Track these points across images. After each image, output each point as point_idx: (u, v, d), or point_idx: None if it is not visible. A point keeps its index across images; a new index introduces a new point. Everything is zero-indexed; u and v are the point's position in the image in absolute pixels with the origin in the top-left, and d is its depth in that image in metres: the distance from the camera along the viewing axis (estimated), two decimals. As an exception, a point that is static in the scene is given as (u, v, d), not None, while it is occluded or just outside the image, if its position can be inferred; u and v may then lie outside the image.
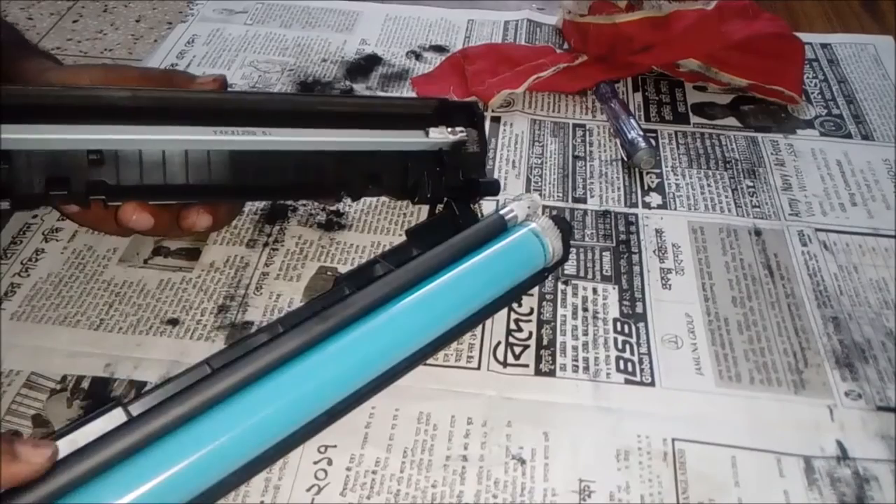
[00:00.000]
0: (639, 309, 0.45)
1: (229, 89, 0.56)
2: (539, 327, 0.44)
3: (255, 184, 0.44)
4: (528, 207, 0.43)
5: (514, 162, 0.56)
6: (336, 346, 0.36)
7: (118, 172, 0.40)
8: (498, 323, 0.44)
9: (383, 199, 0.52)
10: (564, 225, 0.43)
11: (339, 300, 0.37)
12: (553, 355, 0.43)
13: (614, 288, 0.46)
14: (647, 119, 0.60)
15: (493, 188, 0.50)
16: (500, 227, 0.42)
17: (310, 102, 0.47)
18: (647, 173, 0.55)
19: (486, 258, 0.41)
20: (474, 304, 0.41)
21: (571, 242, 0.49)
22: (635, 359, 0.43)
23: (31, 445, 0.29)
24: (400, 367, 0.39)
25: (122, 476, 0.30)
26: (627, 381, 0.41)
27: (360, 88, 0.63)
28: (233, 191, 0.44)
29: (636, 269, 0.48)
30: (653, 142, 0.57)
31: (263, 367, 0.34)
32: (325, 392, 0.36)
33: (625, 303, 0.46)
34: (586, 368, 0.42)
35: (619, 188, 0.54)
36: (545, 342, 0.43)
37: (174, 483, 0.31)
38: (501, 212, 0.43)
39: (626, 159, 0.56)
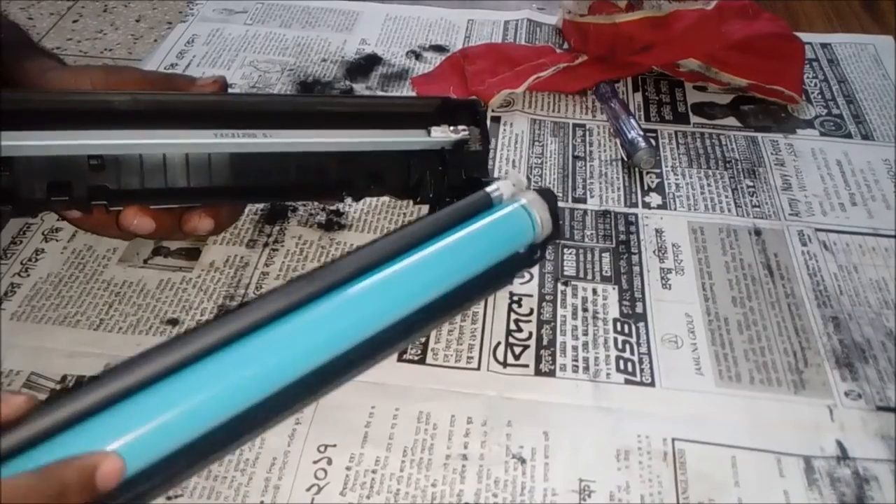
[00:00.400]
0: (639, 309, 0.45)
1: (230, 90, 0.56)
2: (539, 327, 0.44)
3: (257, 185, 0.44)
4: (514, 185, 0.43)
5: (514, 162, 0.56)
6: (314, 310, 0.36)
7: (119, 177, 0.40)
8: (498, 323, 0.44)
9: (383, 199, 0.52)
10: (550, 196, 0.43)
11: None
12: (553, 355, 0.43)
13: (614, 288, 0.46)
14: (647, 119, 0.60)
15: (495, 187, 0.50)
16: (486, 204, 0.42)
17: (310, 103, 0.47)
18: (647, 173, 0.55)
19: (472, 231, 0.41)
20: (463, 273, 0.40)
21: (570, 243, 0.49)
22: (635, 359, 0.43)
23: (8, 393, 0.30)
24: (387, 336, 0.38)
25: (99, 425, 0.30)
26: (627, 381, 0.41)
27: (360, 88, 0.63)
28: (234, 193, 0.44)
29: (636, 269, 0.48)
30: (653, 142, 0.57)
31: (237, 331, 0.34)
32: (301, 358, 0.35)
33: (625, 303, 0.46)
34: (586, 368, 0.42)
35: (619, 188, 0.54)
36: (545, 342, 0.43)
37: (148, 438, 0.31)
38: (487, 189, 0.43)
39: (626, 159, 0.56)
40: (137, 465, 0.30)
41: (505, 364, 0.42)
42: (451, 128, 0.47)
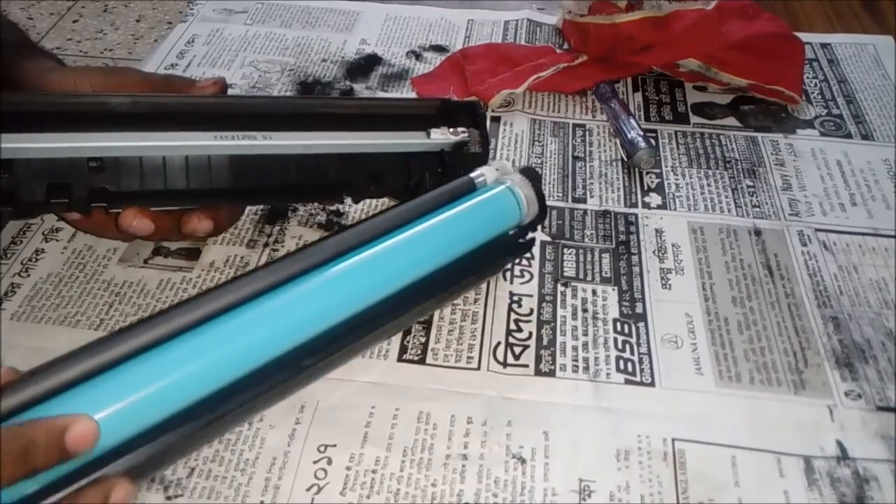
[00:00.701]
0: (639, 309, 0.45)
1: (230, 91, 0.56)
2: (539, 327, 0.44)
3: (257, 187, 0.44)
4: (497, 170, 0.44)
5: (514, 161, 0.56)
6: (295, 289, 0.36)
7: (119, 179, 0.40)
8: (498, 323, 0.44)
9: (383, 199, 0.52)
10: (533, 174, 0.44)
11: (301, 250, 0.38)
12: (553, 355, 0.43)
13: (614, 289, 0.46)
14: (647, 119, 0.60)
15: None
16: (469, 187, 0.43)
17: (310, 105, 0.47)
18: (647, 173, 0.55)
19: (454, 211, 0.41)
20: (448, 251, 0.41)
21: (570, 243, 0.49)
22: (635, 359, 0.43)
23: None
24: (374, 315, 0.38)
25: (79, 396, 0.30)
26: (627, 381, 0.41)
27: (360, 88, 0.63)
28: (234, 194, 0.44)
29: (636, 269, 0.48)
30: (653, 142, 0.57)
31: (219, 307, 0.34)
32: (283, 334, 0.35)
33: (624, 303, 0.46)
34: (586, 368, 0.42)
35: (618, 188, 0.54)
36: (545, 342, 0.43)
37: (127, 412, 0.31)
38: (471, 175, 0.43)
39: (626, 159, 0.56)
40: (119, 436, 0.30)
41: (505, 364, 0.42)
42: (451, 130, 0.47)
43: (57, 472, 0.29)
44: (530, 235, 0.45)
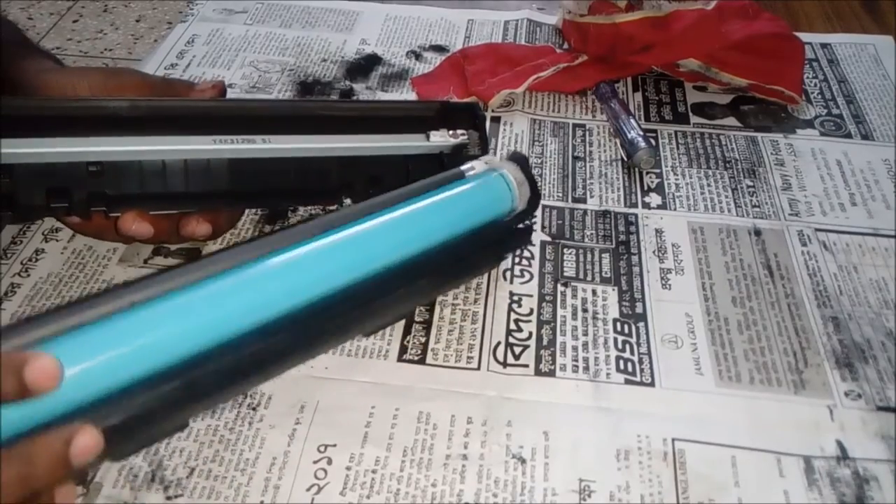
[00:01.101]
0: (639, 309, 0.45)
1: (229, 91, 0.56)
2: (539, 327, 0.44)
3: (256, 190, 0.44)
4: (486, 163, 0.44)
5: (514, 162, 0.56)
6: (273, 261, 0.35)
7: (118, 183, 0.40)
8: (498, 323, 0.44)
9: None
10: (519, 158, 0.44)
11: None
12: (553, 355, 0.43)
13: (614, 289, 0.46)
14: (647, 119, 0.60)
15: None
16: (458, 177, 0.43)
17: (309, 108, 0.47)
18: (647, 173, 0.55)
19: (443, 195, 0.41)
20: (437, 231, 0.41)
21: (570, 243, 0.49)
22: (635, 359, 0.43)
23: None
24: (368, 289, 0.38)
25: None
26: (627, 381, 0.41)
27: (359, 88, 0.63)
28: (233, 198, 0.44)
29: (636, 269, 0.48)
30: (653, 142, 0.57)
31: (198, 277, 0.34)
32: (267, 302, 0.35)
33: (624, 303, 0.46)
34: (586, 368, 0.42)
35: (618, 188, 0.54)
36: (545, 342, 0.43)
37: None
38: (461, 168, 0.43)
39: (625, 159, 0.56)
40: (90, 391, 0.30)
41: (505, 364, 0.42)
42: (451, 132, 0.47)
43: (26, 420, 0.28)
44: (527, 222, 0.45)
